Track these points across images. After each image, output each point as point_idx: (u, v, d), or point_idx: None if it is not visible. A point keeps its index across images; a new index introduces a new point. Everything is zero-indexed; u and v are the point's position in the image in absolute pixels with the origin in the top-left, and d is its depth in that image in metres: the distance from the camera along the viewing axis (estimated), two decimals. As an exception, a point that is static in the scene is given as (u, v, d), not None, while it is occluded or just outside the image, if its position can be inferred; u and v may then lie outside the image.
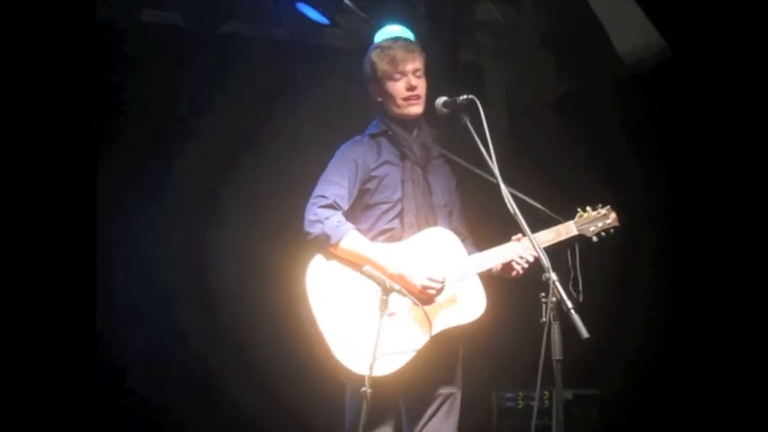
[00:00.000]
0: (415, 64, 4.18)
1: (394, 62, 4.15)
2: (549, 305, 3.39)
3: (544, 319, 3.39)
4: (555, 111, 6.04)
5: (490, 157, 3.77)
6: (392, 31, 5.28)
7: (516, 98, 6.23)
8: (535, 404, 3.78)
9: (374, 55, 4.21)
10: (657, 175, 5.65)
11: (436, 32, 5.83)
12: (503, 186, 3.73)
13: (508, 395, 5.66)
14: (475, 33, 6.17)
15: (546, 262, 3.50)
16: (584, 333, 3.31)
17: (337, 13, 5.50)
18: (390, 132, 4.20)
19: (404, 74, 4.16)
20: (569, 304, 3.35)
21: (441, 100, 4.03)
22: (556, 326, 3.38)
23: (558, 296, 3.38)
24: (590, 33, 5.48)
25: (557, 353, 3.38)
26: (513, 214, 3.71)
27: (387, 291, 3.74)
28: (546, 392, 4.92)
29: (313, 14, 5.40)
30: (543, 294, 3.41)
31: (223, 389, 5.52)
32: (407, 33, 5.26)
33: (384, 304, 3.72)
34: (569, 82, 5.97)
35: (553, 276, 3.42)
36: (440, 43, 5.89)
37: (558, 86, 6.06)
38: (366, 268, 3.85)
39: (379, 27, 5.51)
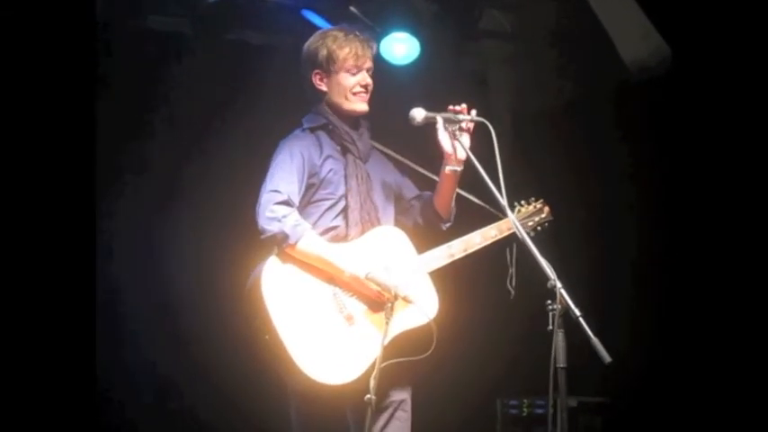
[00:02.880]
0: (369, 62, 4.11)
1: (355, 56, 4.05)
2: (556, 313, 3.35)
3: (551, 327, 3.36)
4: (559, 119, 6.05)
5: (497, 177, 3.67)
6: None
7: (521, 106, 6.23)
8: (548, 411, 3.65)
9: (331, 42, 4.07)
10: (652, 178, 5.64)
11: (441, 40, 5.84)
12: (509, 213, 3.69)
13: (512, 402, 5.64)
14: (480, 41, 6.18)
15: (551, 273, 3.43)
16: (603, 353, 3.28)
17: (343, 20, 5.46)
18: (330, 126, 4.08)
19: (360, 69, 4.07)
20: (577, 312, 3.32)
21: (421, 114, 3.92)
22: (560, 333, 3.36)
23: (565, 304, 3.36)
24: (595, 41, 5.49)
25: (560, 360, 3.36)
26: (520, 239, 3.68)
27: (393, 297, 3.70)
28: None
29: (319, 21, 5.41)
30: (549, 302, 3.37)
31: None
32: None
33: (390, 311, 3.68)
34: (574, 89, 5.98)
35: (559, 284, 3.38)
36: (445, 51, 5.91)
37: (562, 94, 6.07)
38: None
39: (385, 34, 5.53)
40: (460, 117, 3.92)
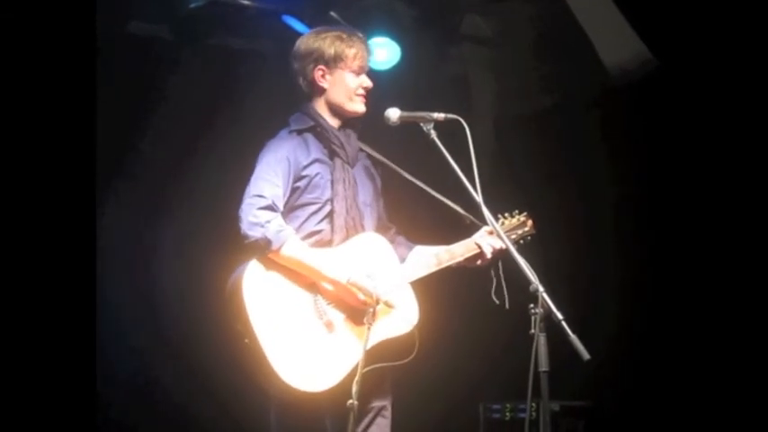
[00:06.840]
0: (368, 65, 4.12)
1: (362, 57, 4.05)
2: (538, 317, 3.36)
3: (533, 331, 3.35)
4: (541, 124, 6.06)
5: (473, 176, 3.68)
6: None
7: (502, 111, 6.25)
8: (528, 414, 3.67)
9: (339, 41, 4.05)
10: (635, 182, 5.66)
11: (422, 45, 5.85)
12: (492, 221, 3.73)
13: (495, 407, 5.64)
14: (461, 46, 6.19)
15: (533, 276, 3.44)
16: (582, 350, 3.29)
17: (323, 25, 5.50)
18: (318, 128, 4.03)
19: (363, 71, 4.07)
20: (560, 316, 3.32)
21: (396, 113, 3.93)
22: (542, 337, 3.36)
23: (547, 307, 3.36)
24: (577, 46, 5.51)
25: (543, 364, 3.36)
26: (498, 237, 3.69)
27: (374, 302, 3.70)
28: (533, 404, 4.88)
29: (299, 27, 5.41)
30: (532, 306, 3.38)
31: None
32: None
33: (372, 316, 3.68)
34: (556, 94, 5.99)
35: (541, 288, 3.39)
36: (426, 56, 5.91)
37: (544, 99, 6.08)
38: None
39: (366, 39, 5.52)
40: (434, 115, 3.88)
